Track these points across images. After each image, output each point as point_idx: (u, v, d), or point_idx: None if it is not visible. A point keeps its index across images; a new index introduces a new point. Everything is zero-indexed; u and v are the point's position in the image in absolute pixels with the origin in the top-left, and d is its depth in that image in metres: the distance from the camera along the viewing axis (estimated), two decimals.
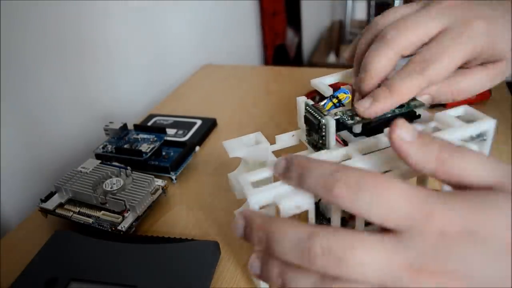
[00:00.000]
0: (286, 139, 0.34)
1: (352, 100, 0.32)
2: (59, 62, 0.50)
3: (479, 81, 0.31)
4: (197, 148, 0.48)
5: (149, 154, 0.43)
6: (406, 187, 0.20)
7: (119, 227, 0.34)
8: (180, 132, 0.52)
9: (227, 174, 0.34)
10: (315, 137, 0.32)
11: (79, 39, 0.53)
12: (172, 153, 0.45)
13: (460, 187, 0.21)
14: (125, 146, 0.45)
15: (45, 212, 0.37)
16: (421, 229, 0.19)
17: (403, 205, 0.19)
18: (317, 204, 0.32)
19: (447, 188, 0.22)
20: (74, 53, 0.52)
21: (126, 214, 0.36)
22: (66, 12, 0.50)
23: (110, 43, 0.58)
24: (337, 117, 0.30)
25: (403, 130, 0.21)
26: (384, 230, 0.20)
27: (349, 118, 0.30)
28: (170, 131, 0.51)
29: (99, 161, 0.40)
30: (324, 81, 0.34)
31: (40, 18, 0.47)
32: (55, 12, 0.48)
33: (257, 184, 0.26)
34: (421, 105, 0.30)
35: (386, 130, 0.23)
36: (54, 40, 0.49)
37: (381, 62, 0.29)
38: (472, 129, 0.26)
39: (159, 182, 0.39)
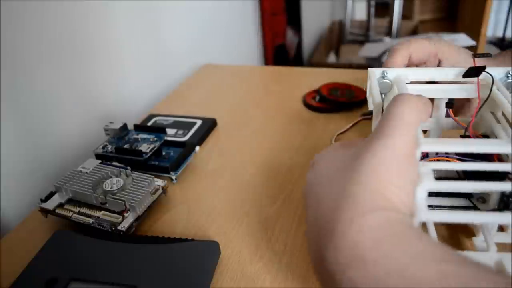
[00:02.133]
0: None
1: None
2: (59, 62, 0.50)
3: None
4: (197, 148, 0.48)
5: (149, 154, 0.43)
6: None
7: (119, 227, 0.34)
8: (180, 132, 0.52)
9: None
10: None
11: (79, 39, 0.53)
12: (172, 153, 0.45)
13: None
14: (125, 146, 0.45)
15: (45, 212, 0.37)
16: None
17: None
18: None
19: None
20: (74, 54, 0.52)
21: (126, 214, 0.36)
22: (66, 12, 0.50)
23: (111, 43, 0.58)
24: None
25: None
26: None
27: None
28: (170, 131, 0.51)
29: (99, 161, 0.40)
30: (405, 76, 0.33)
31: (40, 18, 0.47)
32: (56, 12, 0.48)
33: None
34: None
35: None
36: (54, 41, 0.49)
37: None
38: None
39: (159, 182, 0.39)
